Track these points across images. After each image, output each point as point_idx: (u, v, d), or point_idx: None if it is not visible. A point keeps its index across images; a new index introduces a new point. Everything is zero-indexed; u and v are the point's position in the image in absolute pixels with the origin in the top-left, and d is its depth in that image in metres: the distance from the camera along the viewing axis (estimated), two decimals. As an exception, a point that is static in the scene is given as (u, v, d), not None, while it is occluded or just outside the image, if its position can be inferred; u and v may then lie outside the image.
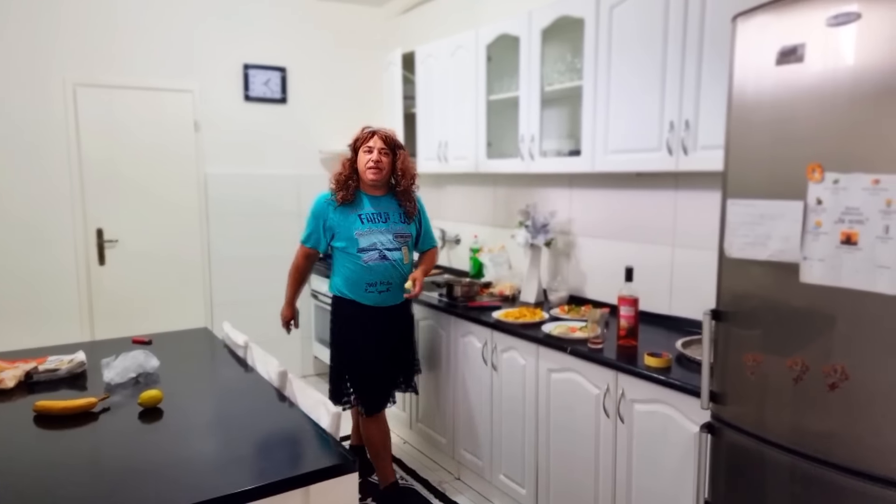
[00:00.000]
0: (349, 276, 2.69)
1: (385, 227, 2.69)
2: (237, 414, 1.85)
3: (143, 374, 2.05)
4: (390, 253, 2.68)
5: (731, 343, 1.64)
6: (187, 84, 4.08)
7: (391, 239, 2.69)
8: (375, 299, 2.69)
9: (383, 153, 2.66)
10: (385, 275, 2.68)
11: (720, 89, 2.07)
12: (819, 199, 1.42)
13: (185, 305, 4.19)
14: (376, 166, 2.64)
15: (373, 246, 2.65)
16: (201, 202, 4.20)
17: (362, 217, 2.67)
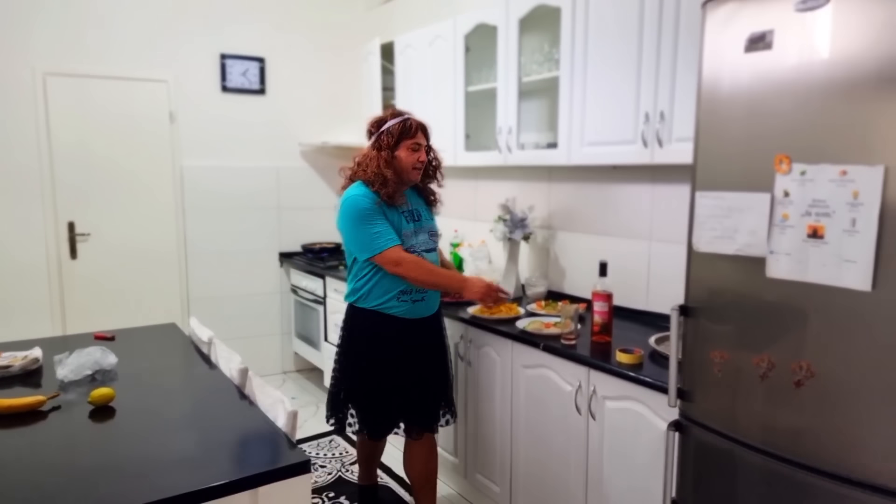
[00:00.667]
0: (378, 282, 2.26)
1: (419, 225, 2.33)
2: (192, 413, 1.79)
3: (99, 371, 1.99)
4: (427, 255, 2.32)
5: (699, 339, 1.60)
6: (162, 74, 4.00)
7: (427, 238, 2.34)
8: (408, 310, 2.29)
9: (426, 149, 2.35)
10: None
11: (695, 80, 2.02)
12: (786, 191, 1.37)
13: (161, 301, 4.12)
14: (422, 167, 2.33)
15: (413, 248, 2.28)
16: (177, 195, 4.12)
17: (405, 215, 2.29)
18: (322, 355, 4.05)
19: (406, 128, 2.27)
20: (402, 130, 2.27)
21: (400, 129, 2.27)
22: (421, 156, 2.29)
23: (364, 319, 2.31)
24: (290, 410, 1.65)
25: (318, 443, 3.45)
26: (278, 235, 4.48)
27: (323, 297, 3.98)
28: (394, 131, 2.26)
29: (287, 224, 4.50)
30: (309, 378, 4.49)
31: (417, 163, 2.28)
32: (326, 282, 3.92)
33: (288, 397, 1.70)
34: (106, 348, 2.06)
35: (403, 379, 2.31)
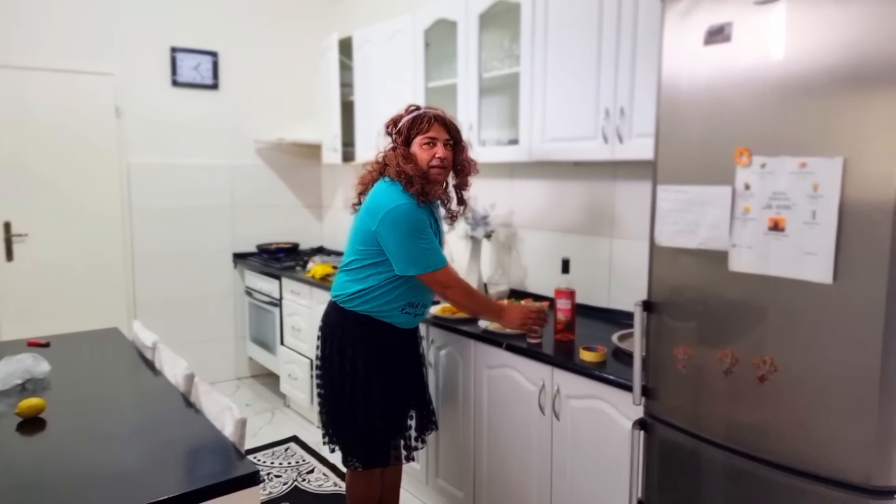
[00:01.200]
0: (387, 292, 2.06)
1: (442, 233, 2.21)
2: (132, 423, 1.68)
3: (30, 380, 1.86)
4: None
5: (663, 336, 1.58)
6: (107, 67, 3.81)
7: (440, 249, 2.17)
8: (407, 321, 2.15)
9: (447, 145, 2.07)
10: (429, 295, 2.18)
11: (655, 76, 2.00)
12: (747, 184, 1.36)
13: (105, 304, 3.93)
14: (442, 165, 2.04)
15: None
16: (124, 194, 3.94)
17: (431, 223, 2.10)
18: (278, 360, 3.93)
19: (416, 120, 2.05)
20: (412, 124, 2.06)
21: (409, 123, 2.06)
22: (438, 151, 2.03)
23: (356, 325, 2.09)
24: (237, 418, 1.56)
25: (274, 451, 3.33)
26: (232, 235, 4.33)
27: (279, 300, 3.86)
28: (403, 128, 2.07)
29: (241, 224, 4.35)
30: (265, 384, 4.35)
31: (435, 159, 2.02)
32: (283, 283, 3.80)
33: (237, 405, 1.61)
34: (38, 355, 1.92)
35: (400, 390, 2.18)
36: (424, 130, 2.04)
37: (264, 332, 4.11)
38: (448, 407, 2.54)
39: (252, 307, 4.26)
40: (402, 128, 2.07)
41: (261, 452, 3.31)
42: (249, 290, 4.27)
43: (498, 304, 2.25)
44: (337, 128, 3.80)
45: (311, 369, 3.55)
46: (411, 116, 2.08)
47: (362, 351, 2.09)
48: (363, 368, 2.09)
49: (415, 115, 2.07)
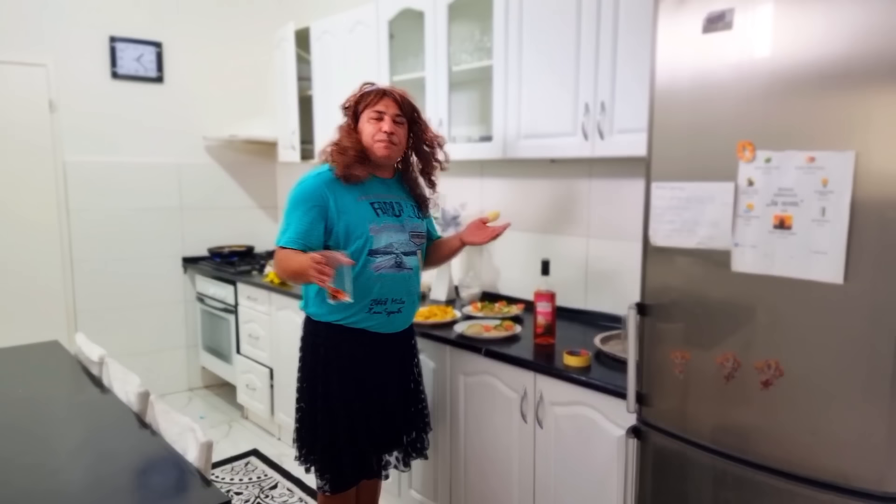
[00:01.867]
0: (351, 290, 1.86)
1: (399, 222, 1.95)
2: (79, 448, 1.50)
3: (-43, 404, 1.64)
4: (407, 258, 1.94)
5: (658, 339, 1.51)
6: (39, 57, 3.52)
7: (407, 239, 1.95)
8: (381, 323, 1.93)
9: (398, 122, 1.93)
10: (399, 289, 1.93)
11: (638, 68, 1.94)
12: (750, 179, 1.29)
13: (42, 315, 3.62)
14: (388, 140, 1.89)
15: (388, 248, 1.90)
16: (60, 194, 3.65)
17: (375, 206, 1.92)
18: (234, 369, 3.72)
19: (366, 94, 1.92)
20: (361, 97, 1.93)
21: (358, 98, 1.94)
22: (385, 126, 1.87)
23: (327, 338, 1.92)
24: (202, 441, 1.41)
25: (233, 466, 3.14)
26: (181, 239, 4.08)
27: (234, 306, 3.66)
28: (356, 100, 1.94)
29: (191, 226, 4.11)
30: (219, 394, 4.12)
31: (379, 133, 1.87)
32: (238, 288, 3.60)
33: (199, 426, 1.45)
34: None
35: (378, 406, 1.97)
36: (372, 104, 1.91)
37: (218, 341, 3.89)
38: (421, 416, 2.42)
39: (204, 314, 4.03)
40: (350, 102, 1.96)
41: (219, 468, 3.11)
42: (201, 297, 4.03)
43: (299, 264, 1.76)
44: (295, 124, 3.62)
45: (270, 378, 3.37)
46: (361, 92, 1.96)
47: (335, 366, 1.91)
48: (338, 385, 1.91)
49: (364, 91, 1.95)
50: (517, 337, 2.24)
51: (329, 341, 1.92)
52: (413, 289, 2.00)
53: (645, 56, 1.89)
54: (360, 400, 1.93)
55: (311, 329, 1.97)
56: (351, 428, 1.92)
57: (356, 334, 1.92)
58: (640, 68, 1.93)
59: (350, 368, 1.92)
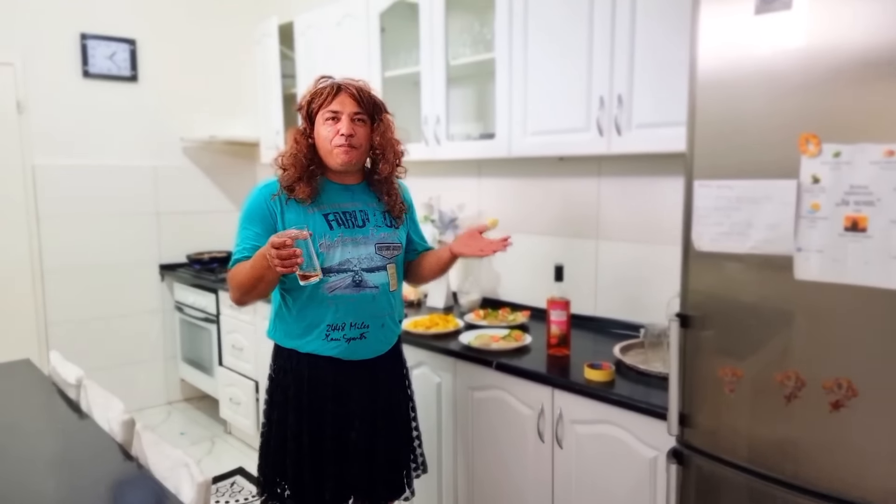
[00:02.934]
0: (299, 312, 1.68)
1: (362, 233, 1.70)
2: (53, 487, 1.30)
3: None
4: (370, 276, 1.69)
5: (703, 354, 1.37)
6: (6, 55, 3.27)
7: (372, 253, 1.70)
8: (342, 351, 1.68)
9: (357, 121, 1.66)
10: (359, 311, 1.68)
11: (659, 57, 1.81)
12: (815, 176, 1.16)
13: (9, 329, 3.37)
14: (348, 143, 1.64)
15: (344, 265, 1.66)
16: (28, 200, 3.40)
17: (329, 218, 1.68)
18: (216, 381, 3.51)
19: (320, 90, 1.66)
20: (315, 94, 1.67)
21: (313, 92, 1.68)
22: (342, 128, 1.62)
23: (287, 360, 1.72)
24: (199, 481, 1.23)
25: (218, 487, 2.94)
26: (158, 245, 3.85)
27: (216, 315, 3.45)
28: (310, 97, 1.68)
29: (168, 232, 3.88)
30: (200, 408, 3.90)
31: (337, 136, 1.63)
32: (219, 297, 3.39)
33: (194, 463, 1.27)
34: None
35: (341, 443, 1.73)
36: (327, 103, 1.64)
37: (199, 352, 3.67)
38: (425, 435, 2.25)
39: (184, 324, 3.81)
40: (303, 102, 1.70)
41: (201, 491, 2.91)
42: (180, 306, 3.81)
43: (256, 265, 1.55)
44: (279, 124, 3.43)
45: (255, 392, 3.17)
46: (314, 87, 1.70)
47: (293, 392, 1.71)
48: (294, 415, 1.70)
49: (317, 88, 1.68)
50: (528, 348, 2.09)
51: (289, 363, 1.72)
52: (380, 311, 1.71)
53: (669, 43, 1.78)
54: (312, 434, 1.69)
55: (274, 351, 1.77)
56: (298, 466, 1.69)
57: (317, 359, 1.69)
58: (662, 57, 1.80)
59: (307, 395, 1.69)
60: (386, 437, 1.78)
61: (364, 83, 1.73)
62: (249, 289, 1.59)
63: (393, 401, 1.82)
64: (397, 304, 1.80)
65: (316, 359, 1.69)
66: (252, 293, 1.62)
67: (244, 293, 1.62)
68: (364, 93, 1.68)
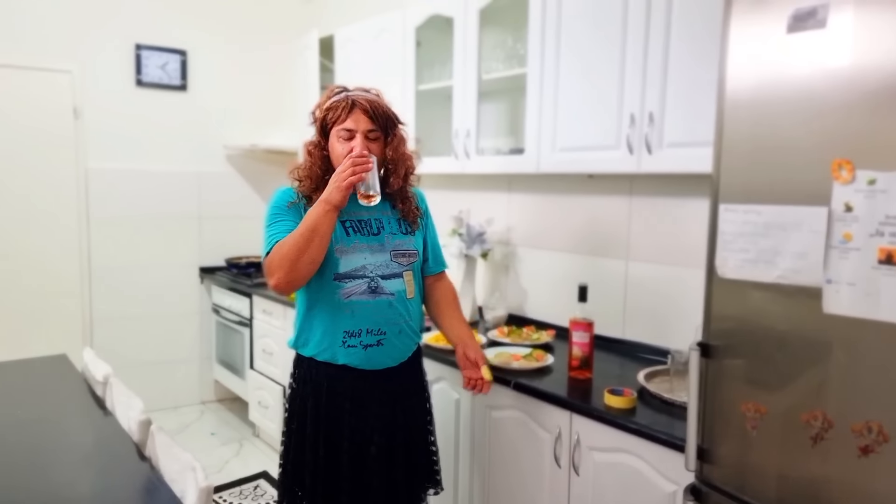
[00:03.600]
0: (317, 319, 1.68)
1: (377, 241, 1.69)
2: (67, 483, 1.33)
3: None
4: (386, 282, 1.68)
5: (725, 387, 1.30)
6: (65, 64, 3.44)
7: (388, 260, 1.69)
8: (360, 359, 1.67)
9: (371, 137, 1.65)
10: (376, 318, 1.67)
11: (692, 76, 1.76)
12: (848, 204, 1.09)
13: (58, 323, 3.52)
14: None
15: (359, 271, 1.65)
16: (81, 201, 3.55)
17: (346, 224, 1.68)
18: (247, 385, 3.56)
19: (335, 104, 1.64)
20: (330, 108, 1.65)
21: (327, 106, 1.66)
22: (356, 145, 1.61)
23: (308, 370, 1.72)
24: (202, 486, 1.24)
25: (242, 490, 2.97)
26: (199, 248, 3.96)
27: (249, 319, 3.51)
28: (325, 111, 1.67)
29: (209, 235, 3.98)
30: (231, 409, 3.97)
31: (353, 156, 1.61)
32: (253, 301, 3.45)
33: (201, 466, 1.28)
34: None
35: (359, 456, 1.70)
36: (341, 120, 1.63)
37: (232, 354, 3.74)
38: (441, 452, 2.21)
39: (219, 326, 3.89)
40: (317, 116, 1.70)
41: (227, 491, 2.95)
42: (217, 308, 3.90)
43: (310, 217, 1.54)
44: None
45: (283, 397, 3.20)
46: (328, 103, 1.67)
47: (311, 403, 1.70)
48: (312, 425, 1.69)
49: (331, 102, 1.66)
50: (549, 369, 2.04)
51: (308, 373, 1.71)
52: (397, 317, 1.69)
53: (700, 62, 1.72)
54: (329, 446, 1.67)
55: (295, 360, 1.77)
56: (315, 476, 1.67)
57: (336, 369, 1.68)
58: (696, 76, 1.74)
59: (326, 407, 1.68)
60: (405, 453, 1.76)
61: (377, 95, 1.72)
62: (303, 249, 1.52)
63: (412, 414, 1.80)
64: (415, 313, 1.78)
65: (334, 368, 1.68)
66: (305, 255, 1.52)
67: (296, 258, 1.53)
68: (378, 108, 1.67)
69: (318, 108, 1.70)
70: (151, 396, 3.80)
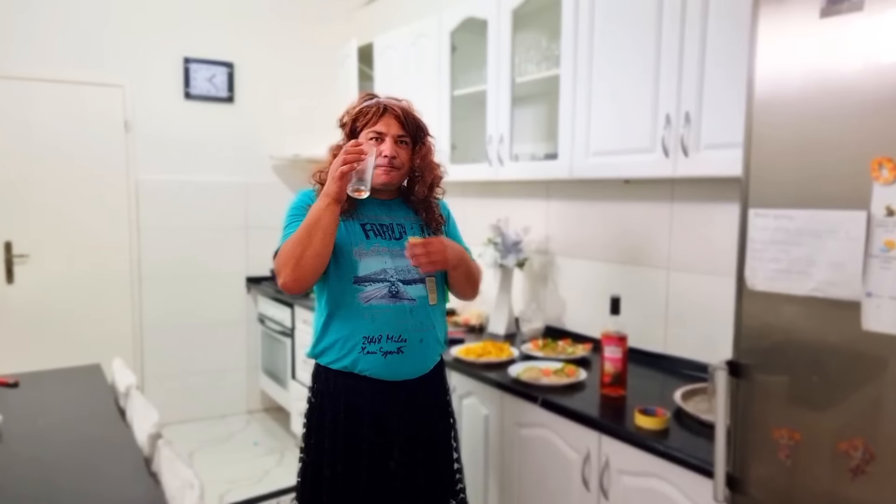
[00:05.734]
0: (336, 324, 1.63)
1: (399, 245, 1.65)
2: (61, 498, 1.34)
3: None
4: (408, 287, 1.63)
5: (757, 410, 1.18)
6: (117, 78, 3.59)
7: (409, 265, 1.63)
8: (379, 367, 1.61)
9: (400, 143, 1.65)
10: (397, 324, 1.61)
11: (732, 71, 1.63)
12: (890, 208, 0.96)
13: (110, 331, 3.65)
14: (389, 164, 1.63)
15: (380, 274, 1.62)
16: (132, 212, 3.69)
17: (366, 227, 1.66)
18: (289, 395, 3.59)
19: (366, 108, 1.64)
20: (361, 112, 1.65)
21: (358, 109, 1.66)
22: (385, 149, 1.60)
23: (325, 382, 1.66)
24: None
25: (279, 500, 2.98)
26: (246, 258, 4.04)
27: (291, 329, 3.54)
28: (354, 115, 1.67)
29: (256, 245, 4.06)
30: (277, 419, 4.01)
31: (380, 158, 1.60)
32: (295, 311, 3.48)
33: (199, 484, 1.26)
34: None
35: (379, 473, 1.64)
36: (371, 123, 1.63)
37: (276, 364, 3.79)
38: (468, 469, 2.14)
39: (265, 336, 3.95)
40: (347, 119, 1.69)
41: (267, 502, 2.96)
42: (262, 318, 3.96)
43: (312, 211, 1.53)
44: (357, 142, 3.48)
45: (323, 408, 3.20)
46: (359, 107, 1.68)
47: (329, 417, 1.64)
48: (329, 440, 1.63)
49: (363, 106, 1.67)
50: (581, 385, 1.94)
51: (327, 386, 1.65)
52: (418, 324, 1.64)
53: (741, 56, 1.59)
54: (348, 463, 1.62)
55: (314, 372, 1.72)
56: (333, 496, 1.62)
57: (356, 380, 1.62)
58: (735, 71, 1.61)
59: (345, 422, 1.62)
60: (426, 470, 1.69)
61: (408, 104, 1.71)
62: (306, 244, 1.49)
63: (434, 430, 1.73)
64: (438, 321, 1.71)
65: (353, 379, 1.63)
66: (308, 251, 1.50)
67: (300, 254, 1.50)
68: (408, 115, 1.67)
69: (347, 113, 1.70)
70: (199, 405, 3.92)
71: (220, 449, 3.56)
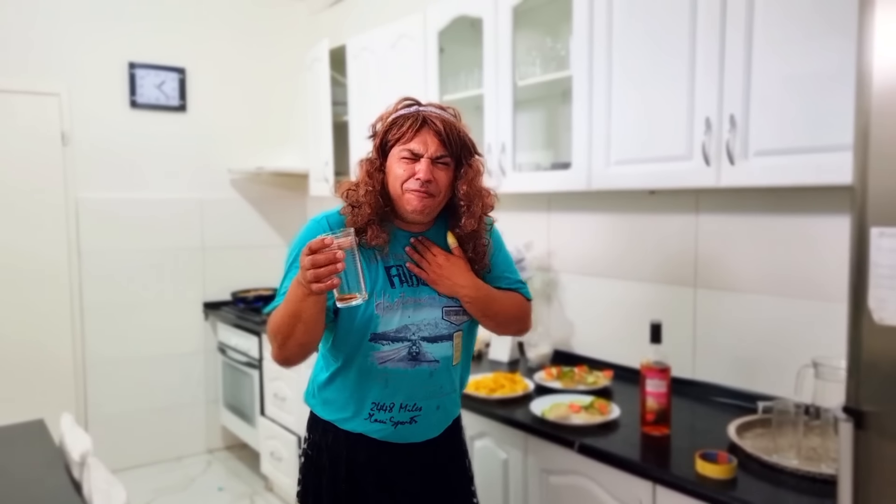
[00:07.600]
0: (343, 380, 1.40)
1: (429, 293, 1.39)
2: None
3: None
4: (430, 347, 1.38)
5: (885, 468, 0.98)
6: (51, 86, 3.18)
7: (438, 318, 1.39)
8: (387, 434, 1.40)
9: (440, 165, 1.34)
10: (413, 391, 1.38)
11: (785, 66, 1.46)
12: None
13: (47, 369, 3.22)
14: (424, 189, 1.32)
15: (401, 332, 1.36)
16: (71, 234, 3.27)
17: (392, 273, 1.38)
18: (258, 433, 3.24)
19: (398, 121, 1.34)
20: (394, 124, 1.35)
21: (392, 119, 1.36)
22: (420, 173, 1.30)
23: (323, 434, 1.43)
24: None
25: (255, 556, 2.64)
26: (202, 282, 3.67)
27: (258, 360, 3.20)
28: (387, 125, 1.36)
29: (213, 267, 3.69)
30: (242, 458, 3.64)
31: (412, 180, 1.31)
32: (262, 340, 3.14)
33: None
34: None
35: None
36: (405, 139, 1.32)
37: (241, 399, 3.43)
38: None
39: (226, 367, 3.58)
40: (378, 129, 1.39)
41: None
42: (223, 347, 3.59)
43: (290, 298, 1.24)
44: (328, 154, 3.19)
45: (298, 447, 2.88)
46: (393, 115, 1.37)
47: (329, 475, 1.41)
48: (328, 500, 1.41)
49: (398, 114, 1.36)
50: (616, 423, 1.72)
51: (324, 439, 1.42)
52: (437, 390, 1.41)
53: (801, 51, 1.42)
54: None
55: (309, 422, 1.49)
56: None
57: (358, 438, 1.40)
58: (793, 68, 1.45)
59: (346, 482, 1.39)
60: None
61: (454, 115, 1.40)
62: (287, 333, 1.26)
63: (450, 488, 1.49)
64: (458, 380, 1.49)
65: (356, 438, 1.40)
66: (290, 340, 1.27)
67: (283, 340, 1.28)
68: (453, 131, 1.34)
69: (381, 120, 1.40)
70: (153, 447, 3.50)
71: (180, 499, 3.16)
